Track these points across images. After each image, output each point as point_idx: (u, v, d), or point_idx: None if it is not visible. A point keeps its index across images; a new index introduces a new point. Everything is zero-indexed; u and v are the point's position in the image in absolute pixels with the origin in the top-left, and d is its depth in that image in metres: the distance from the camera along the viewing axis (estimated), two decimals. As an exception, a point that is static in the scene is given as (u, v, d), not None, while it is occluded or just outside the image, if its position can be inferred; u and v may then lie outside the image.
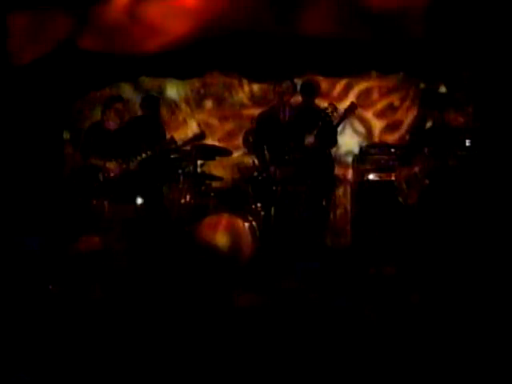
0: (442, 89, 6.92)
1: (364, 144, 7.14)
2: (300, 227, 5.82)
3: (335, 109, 5.88)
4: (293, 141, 5.96)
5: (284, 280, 4.53)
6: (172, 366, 3.08)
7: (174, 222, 6.12)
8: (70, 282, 4.36)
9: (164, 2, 6.34)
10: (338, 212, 6.87)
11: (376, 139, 7.17)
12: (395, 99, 7.01)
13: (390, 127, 7.08)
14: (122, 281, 4.34)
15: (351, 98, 6.93)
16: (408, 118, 6.92)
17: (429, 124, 5.97)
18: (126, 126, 6.30)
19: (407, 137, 6.68)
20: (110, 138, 6.18)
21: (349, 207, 6.99)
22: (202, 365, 3.06)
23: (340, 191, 6.92)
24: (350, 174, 6.98)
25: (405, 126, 6.96)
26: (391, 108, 7.05)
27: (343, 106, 6.28)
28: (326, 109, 5.90)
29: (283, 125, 6.18)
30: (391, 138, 7.01)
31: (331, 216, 6.49)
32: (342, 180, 7.08)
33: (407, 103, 6.98)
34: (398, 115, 7.03)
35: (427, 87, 6.95)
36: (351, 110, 6.01)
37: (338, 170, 6.75)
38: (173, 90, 7.53)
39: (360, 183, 6.87)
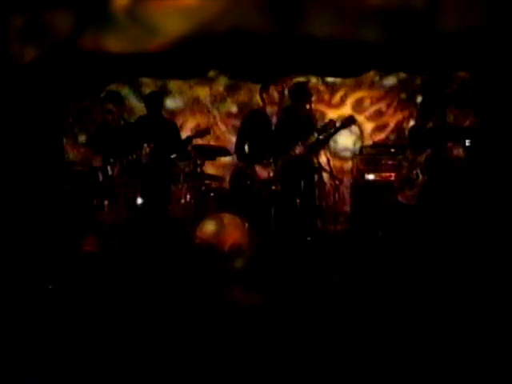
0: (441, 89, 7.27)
1: (358, 143, 7.84)
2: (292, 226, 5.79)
3: (334, 126, 5.81)
4: (279, 144, 5.87)
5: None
6: (172, 366, 3.08)
7: (173, 222, 6.11)
8: (71, 282, 4.36)
9: (164, 1, 6.35)
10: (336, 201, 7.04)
11: (367, 138, 7.99)
12: (383, 106, 8.05)
13: (378, 128, 8.05)
14: (122, 281, 4.33)
15: (348, 105, 7.99)
16: (392, 121, 8.06)
17: (429, 124, 5.97)
18: (127, 125, 6.28)
19: (392, 136, 7.88)
20: (112, 135, 6.16)
21: (347, 198, 7.36)
22: (202, 364, 3.06)
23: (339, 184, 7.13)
24: (347, 166, 7.70)
25: (390, 128, 8.05)
26: (379, 113, 8.05)
27: (340, 112, 7.62)
28: (326, 125, 5.82)
29: (270, 126, 6.06)
30: (379, 137, 8.01)
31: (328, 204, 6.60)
32: (340, 172, 7.48)
33: (392, 109, 8.04)
34: (385, 119, 8.06)
35: (425, 92, 7.32)
36: (348, 124, 5.94)
37: (336, 164, 7.43)
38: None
39: (359, 183, 6.89)
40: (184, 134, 6.84)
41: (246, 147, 5.93)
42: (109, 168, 5.94)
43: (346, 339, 3.29)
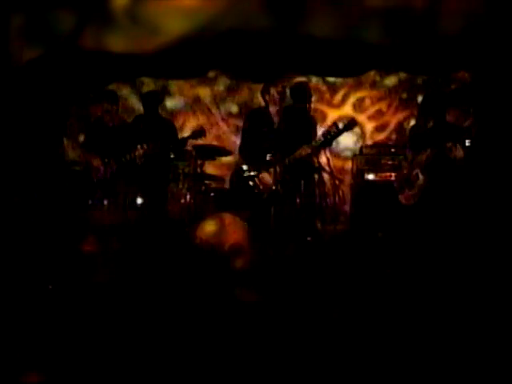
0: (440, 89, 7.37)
1: (359, 142, 7.84)
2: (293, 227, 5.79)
3: (337, 129, 5.81)
4: (281, 144, 5.87)
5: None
6: (173, 365, 3.08)
7: (173, 222, 6.10)
8: (71, 282, 4.36)
9: (164, 1, 6.35)
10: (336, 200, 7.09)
11: (368, 138, 8.03)
12: (383, 106, 8.08)
13: (379, 128, 8.08)
14: (121, 282, 4.33)
15: (349, 105, 8.06)
16: (393, 121, 8.09)
17: (429, 124, 5.98)
18: (122, 125, 6.25)
19: (393, 136, 7.92)
20: (107, 135, 6.14)
21: (347, 197, 7.37)
22: (202, 362, 3.06)
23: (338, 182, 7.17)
24: (348, 166, 7.73)
25: (390, 128, 8.08)
26: (380, 113, 8.08)
27: (341, 112, 7.85)
28: (330, 128, 5.82)
29: (273, 125, 6.05)
30: (379, 137, 8.06)
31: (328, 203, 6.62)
32: (341, 172, 7.57)
33: (392, 109, 8.06)
34: (385, 119, 8.09)
35: (427, 92, 7.39)
36: (350, 127, 5.94)
37: (337, 163, 7.48)
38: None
39: (360, 183, 6.90)
40: (183, 135, 6.83)
41: (250, 147, 5.97)
42: (103, 168, 5.94)
43: (345, 339, 3.30)
